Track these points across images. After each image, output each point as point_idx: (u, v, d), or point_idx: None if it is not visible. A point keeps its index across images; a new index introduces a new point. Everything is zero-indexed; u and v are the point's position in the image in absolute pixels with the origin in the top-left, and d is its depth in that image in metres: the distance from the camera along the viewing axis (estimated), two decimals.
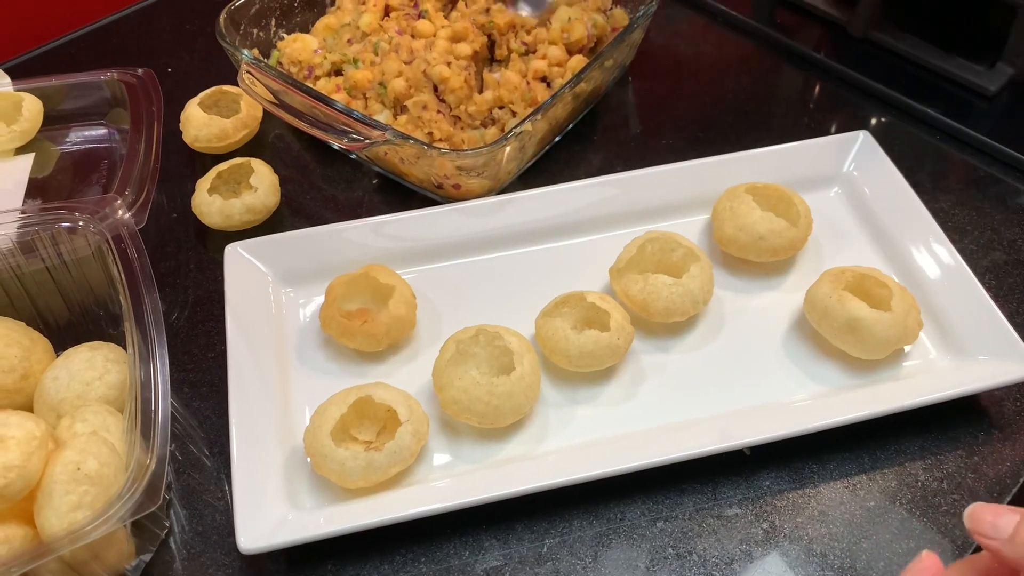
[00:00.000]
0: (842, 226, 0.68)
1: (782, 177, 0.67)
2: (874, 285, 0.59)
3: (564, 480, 0.52)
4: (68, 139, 0.76)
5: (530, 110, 0.70)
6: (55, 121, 0.76)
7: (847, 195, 0.69)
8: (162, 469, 0.47)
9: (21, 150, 0.74)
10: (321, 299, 0.62)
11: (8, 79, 0.76)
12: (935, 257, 0.63)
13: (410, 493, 0.54)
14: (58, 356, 0.57)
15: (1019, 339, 0.57)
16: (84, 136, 0.76)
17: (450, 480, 0.55)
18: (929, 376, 0.58)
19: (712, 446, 0.54)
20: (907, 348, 0.60)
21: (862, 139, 0.69)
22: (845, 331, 0.57)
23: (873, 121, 0.78)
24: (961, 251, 0.62)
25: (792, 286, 0.64)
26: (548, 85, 0.74)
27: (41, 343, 0.58)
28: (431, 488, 0.54)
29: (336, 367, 0.61)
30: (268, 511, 0.52)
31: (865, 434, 0.56)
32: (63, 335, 0.60)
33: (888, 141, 0.70)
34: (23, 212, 0.58)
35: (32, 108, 0.73)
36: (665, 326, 0.61)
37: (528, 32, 0.76)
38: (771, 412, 0.57)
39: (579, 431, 0.57)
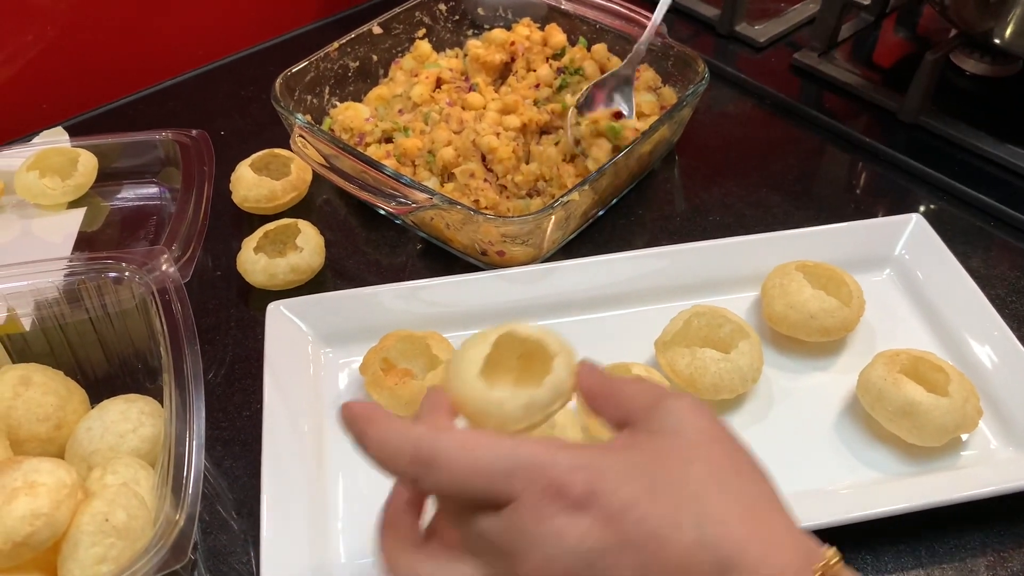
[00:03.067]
0: (895, 309, 0.66)
1: (833, 257, 0.66)
2: (930, 369, 0.57)
3: None
4: (120, 195, 0.77)
5: (564, 188, 0.70)
6: (109, 178, 0.77)
7: (899, 278, 0.68)
8: (191, 527, 0.45)
9: (73, 204, 0.75)
10: (361, 361, 0.61)
11: (66, 136, 0.78)
12: (993, 344, 0.61)
13: None
14: (93, 407, 0.56)
15: None
16: (136, 193, 0.78)
17: None
18: (990, 467, 0.56)
19: None
20: (965, 436, 0.57)
21: (915, 221, 0.68)
22: (900, 415, 0.55)
23: (922, 206, 0.77)
24: (1020, 339, 0.60)
25: (843, 368, 0.62)
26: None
27: (78, 394, 0.58)
28: None
29: None
30: None
31: (922, 525, 0.53)
32: (100, 386, 0.59)
33: (939, 226, 0.69)
34: (70, 261, 0.58)
35: (87, 164, 0.74)
36: (711, 404, 0.60)
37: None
38: (821, 497, 0.54)
39: None
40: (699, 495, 0.34)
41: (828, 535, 0.51)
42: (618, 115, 0.74)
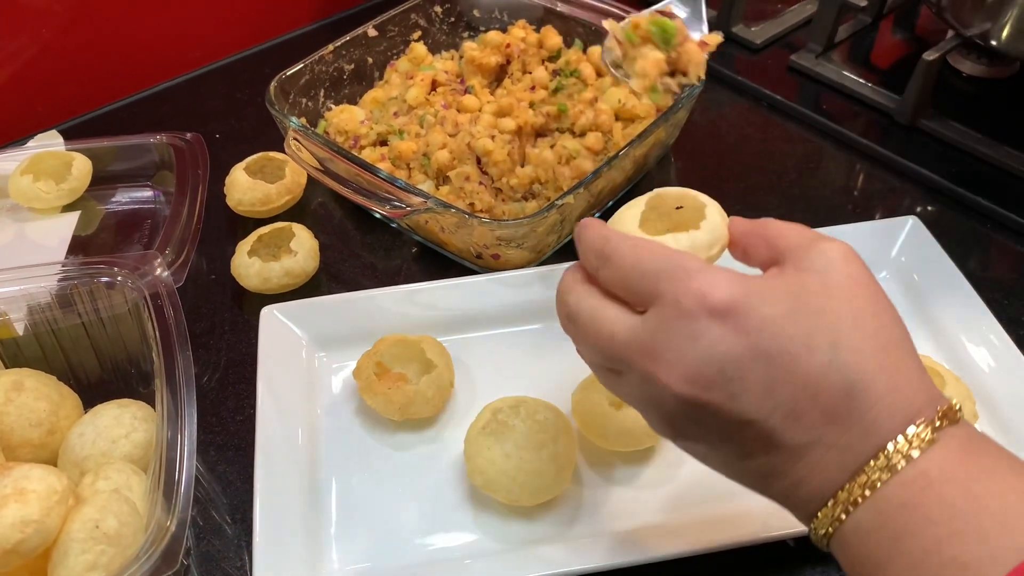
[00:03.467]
0: None
1: None
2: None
3: (599, 566, 0.50)
4: (114, 199, 0.77)
5: (560, 191, 0.70)
6: (103, 181, 0.77)
7: (895, 281, 0.68)
8: (182, 532, 0.45)
9: (68, 208, 0.75)
10: (355, 365, 0.61)
11: (61, 139, 0.78)
12: (990, 347, 0.61)
13: (433, 570, 0.52)
14: (86, 412, 0.56)
15: None
16: (130, 197, 0.78)
17: (476, 561, 0.52)
18: None
19: (754, 536, 0.51)
20: None
21: (911, 224, 0.68)
22: None
23: (919, 208, 0.76)
24: (1016, 342, 0.60)
25: None
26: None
27: (71, 399, 0.57)
28: (457, 567, 0.52)
29: (367, 435, 0.59)
30: None
31: None
32: (93, 391, 0.59)
33: (936, 228, 0.68)
34: (63, 265, 0.58)
35: (81, 168, 0.74)
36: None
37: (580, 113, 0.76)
38: None
39: (614, 515, 0.55)
40: (836, 325, 0.36)
41: None
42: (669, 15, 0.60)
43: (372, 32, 0.82)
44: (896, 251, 0.68)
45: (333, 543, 0.54)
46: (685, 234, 0.42)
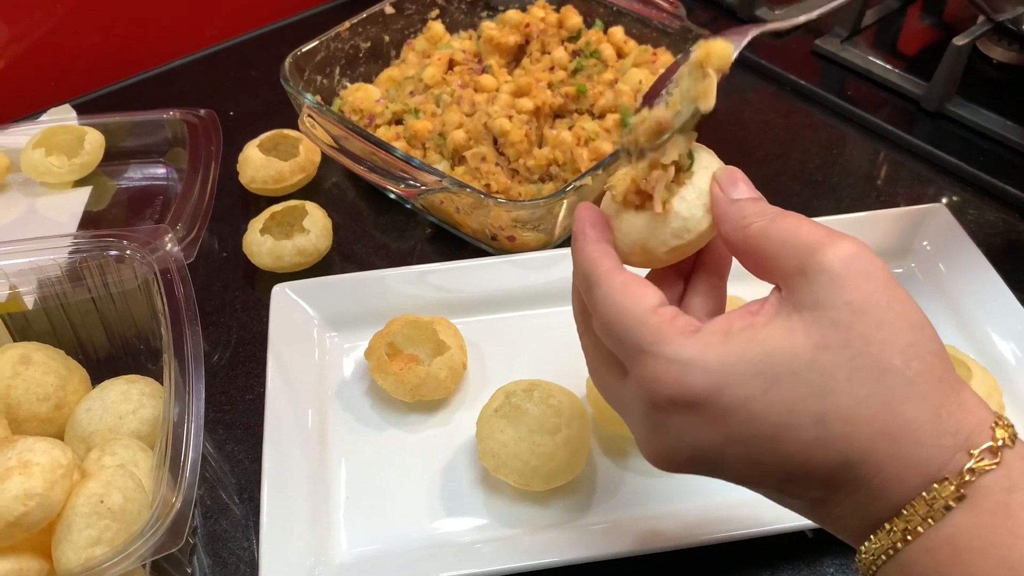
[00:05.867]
0: (916, 301, 0.64)
1: None
2: (952, 363, 0.55)
3: (612, 553, 0.49)
4: (126, 175, 0.76)
5: (578, 173, 0.68)
6: (115, 157, 0.76)
7: (921, 270, 0.66)
8: (188, 509, 0.44)
9: (79, 183, 0.74)
10: (366, 345, 0.60)
11: (74, 113, 0.78)
12: (1017, 339, 0.59)
13: (442, 554, 0.51)
14: (94, 387, 0.55)
15: None
16: (142, 173, 0.77)
17: (486, 545, 0.51)
18: None
19: (770, 526, 0.50)
20: None
21: (938, 212, 0.66)
22: None
23: (945, 197, 0.75)
24: None
25: None
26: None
27: (78, 373, 0.57)
28: (467, 551, 0.51)
29: (377, 416, 0.58)
30: (294, 565, 0.49)
31: None
32: (101, 367, 0.58)
33: (962, 217, 0.67)
34: (74, 238, 0.57)
35: (94, 142, 0.73)
36: None
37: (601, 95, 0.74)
38: None
39: (627, 502, 0.54)
40: (824, 389, 0.31)
41: None
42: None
43: (389, 10, 0.81)
44: (922, 240, 0.66)
45: (342, 525, 0.53)
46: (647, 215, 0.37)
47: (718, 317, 0.34)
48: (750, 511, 0.51)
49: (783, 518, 0.49)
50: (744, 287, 0.49)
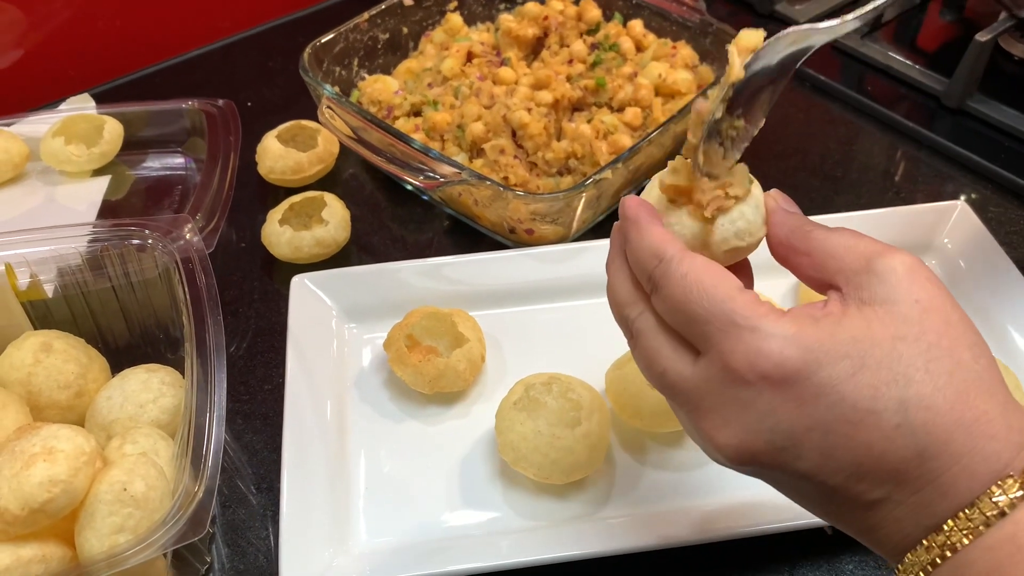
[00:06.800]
0: None
1: None
2: None
3: (631, 548, 0.49)
4: (145, 164, 0.76)
5: (597, 167, 0.68)
6: (134, 146, 0.76)
7: (941, 267, 0.66)
8: (210, 499, 0.44)
9: (98, 172, 0.74)
10: (385, 337, 0.60)
11: (93, 102, 0.78)
12: None
13: (461, 546, 0.51)
14: (114, 376, 0.55)
15: None
16: (161, 163, 0.77)
17: (504, 537, 0.51)
18: None
19: (790, 522, 0.49)
20: None
21: (959, 209, 0.66)
22: None
23: (964, 194, 0.74)
24: None
25: None
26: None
27: (99, 362, 0.57)
28: (485, 543, 0.51)
29: (396, 408, 0.58)
30: (313, 555, 0.49)
31: None
32: (121, 355, 0.59)
33: (983, 214, 0.66)
34: (94, 227, 0.57)
35: (113, 132, 0.74)
36: None
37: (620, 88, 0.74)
38: None
39: (647, 496, 0.54)
40: (907, 377, 0.32)
41: None
42: None
43: (408, 1, 0.81)
44: (942, 236, 0.66)
45: (361, 515, 0.53)
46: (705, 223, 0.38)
47: (793, 307, 0.35)
48: (770, 507, 0.50)
49: (803, 515, 0.49)
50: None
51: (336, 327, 0.62)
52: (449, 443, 0.57)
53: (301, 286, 0.62)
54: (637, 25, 0.80)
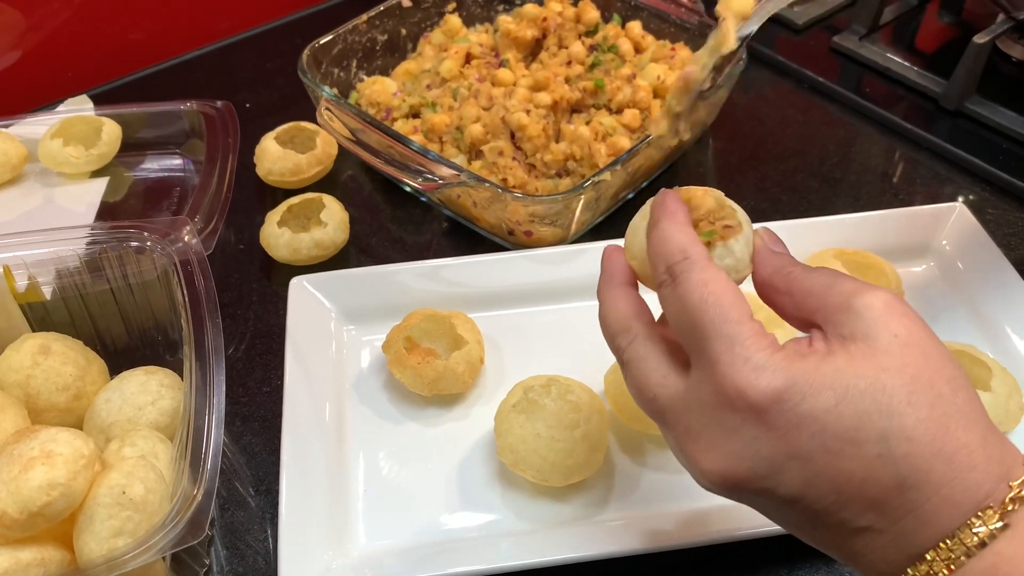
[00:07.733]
0: (934, 301, 0.64)
1: (872, 245, 0.63)
2: (971, 363, 0.55)
3: (630, 550, 0.49)
4: (143, 166, 0.76)
5: (595, 168, 0.68)
6: (132, 148, 0.76)
7: (939, 269, 0.66)
8: (209, 502, 0.44)
9: (96, 174, 0.74)
10: (384, 339, 0.60)
11: (91, 104, 0.78)
12: None
13: (460, 548, 0.51)
14: (113, 378, 0.55)
15: None
16: (159, 164, 0.77)
17: (503, 540, 0.51)
18: None
19: None
20: (1007, 433, 0.55)
21: (957, 211, 0.66)
22: None
23: (962, 196, 0.74)
24: None
25: None
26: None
27: (97, 364, 0.57)
28: (484, 545, 0.51)
29: (395, 410, 0.58)
30: (312, 557, 0.49)
31: None
32: (119, 358, 0.59)
33: (981, 216, 0.66)
34: (92, 229, 0.57)
35: (111, 133, 0.73)
36: None
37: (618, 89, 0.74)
38: None
39: (646, 499, 0.54)
40: (889, 408, 0.32)
41: None
42: None
43: (406, 3, 0.81)
44: (941, 239, 0.66)
45: (360, 518, 0.53)
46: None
47: (787, 342, 0.35)
48: None
49: None
50: None
51: (335, 329, 0.62)
52: (448, 445, 0.56)
53: (300, 288, 0.62)
54: (636, 26, 0.80)
